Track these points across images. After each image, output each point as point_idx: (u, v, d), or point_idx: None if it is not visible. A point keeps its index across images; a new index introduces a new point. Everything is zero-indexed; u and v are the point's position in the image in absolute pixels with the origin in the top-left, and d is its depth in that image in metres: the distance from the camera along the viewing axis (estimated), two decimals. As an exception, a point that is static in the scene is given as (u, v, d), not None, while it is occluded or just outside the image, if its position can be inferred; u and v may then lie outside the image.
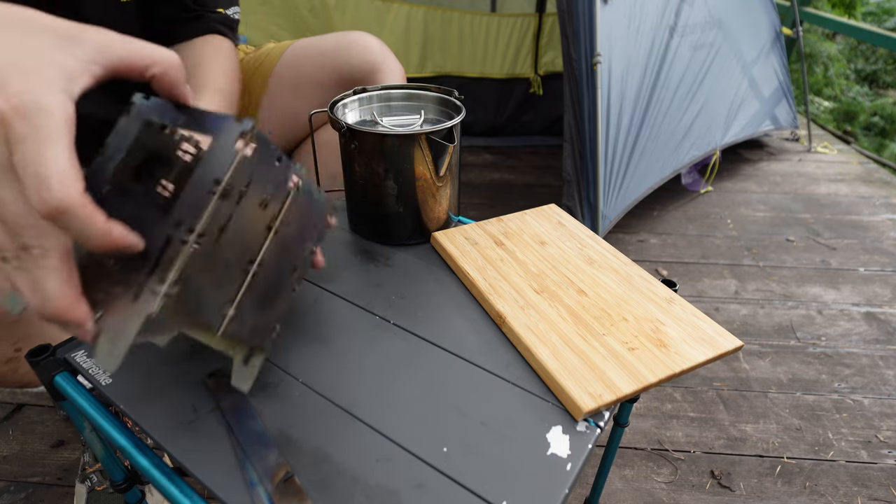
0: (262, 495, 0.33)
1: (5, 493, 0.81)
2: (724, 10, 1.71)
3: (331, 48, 0.76)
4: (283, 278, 0.39)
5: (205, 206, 0.29)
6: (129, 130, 0.30)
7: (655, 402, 1.01)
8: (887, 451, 0.92)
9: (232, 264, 0.33)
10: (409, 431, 0.38)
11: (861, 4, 3.92)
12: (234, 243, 0.33)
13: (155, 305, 0.28)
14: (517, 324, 0.46)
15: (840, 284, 1.37)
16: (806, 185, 1.90)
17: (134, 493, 0.56)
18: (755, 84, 1.92)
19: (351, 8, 1.81)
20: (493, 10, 1.93)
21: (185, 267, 0.29)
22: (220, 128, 0.30)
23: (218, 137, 0.30)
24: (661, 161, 1.55)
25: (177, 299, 0.29)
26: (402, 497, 0.34)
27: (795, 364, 1.11)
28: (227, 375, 0.42)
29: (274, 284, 0.38)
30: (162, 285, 0.28)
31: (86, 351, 0.44)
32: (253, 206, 0.33)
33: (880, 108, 3.01)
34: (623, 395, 0.40)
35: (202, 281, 0.31)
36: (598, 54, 1.27)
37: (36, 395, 0.97)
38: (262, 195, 0.34)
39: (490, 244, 0.57)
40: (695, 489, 0.85)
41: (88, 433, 0.48)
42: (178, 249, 0.28)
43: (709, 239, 1.56)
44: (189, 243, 0.28)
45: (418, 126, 0.59)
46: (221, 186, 0.29)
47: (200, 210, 0.29)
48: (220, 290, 0.33)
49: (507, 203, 1.72)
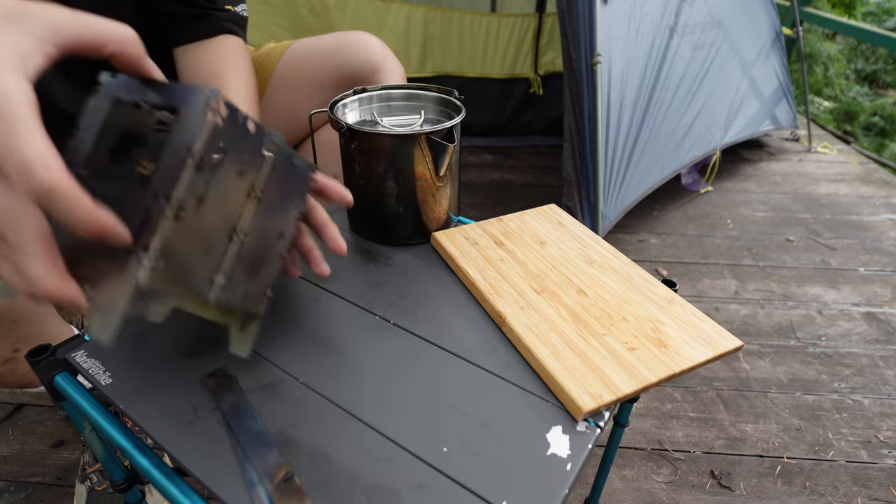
0: (262, 495, 0.33)
1: (5, 493, 0.81)
2: (724, 10, 1.71)
3: (332, 48, 0.76)
4: (269, 244, 0.39)
5: (179, 175, 0.29)
6: (100, 110, 0.30)
7: (655, 402, 1.01)
8: (887, 451, 0.92)
9: (215, 233, 0.34)
10: (410, 431, 0.38)
11: (861, 4, 3.92)
12: (215, 212, 0.33)
13: (142, 276, 0.28)
14: (517, 324, 0.46)
15: (840, 284, 1.37)
16: (806, 185, 1.90)
17: (134, 493, 0.56)
18: (755, 84, 1.92)
19: (351, 8, 1.81)
20: (493, 10, 1.93)
21: (168, 237, 0.29)
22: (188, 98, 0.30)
23: (187, 108, 0.30)
24: (661, 161, 1.56)
25: (164, 269, 0.29)
26: (402, 497, 0.34)
27: (795, 364, 1.11)
28: (228, 375, 0.42)
29: (261, 251, 0.38)
30: (146, 254, 0.28)
31: (86, 351, 0.44)
32: (230, 175, 0.33)
33: (880, 108, 3.01)
34: (623, 395, 0.40)
35: (188, 250, 0.31)
36: (598, 54, 1.27)
37: (36, 395, 0.97)
38: (238, 163, 0.34)
39: (490, 244, 0.57)
40: (695, 489, 0.85)
41: (88, 433, 0.48)
42: (157, 220, 0.28)
43: (709, 239, 1.56)
44: (168, 213, 0.29)
45: (418, 126, 0.59)
46: (194, 155, 0.29)
47: (175, 179, 0.29)
48: (207, 258, 0.34)
49: (507, 203, 1.72)
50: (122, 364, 0.43)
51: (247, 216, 0.36)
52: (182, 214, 0.30)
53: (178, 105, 0.30)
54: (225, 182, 0.33)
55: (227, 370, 0.42)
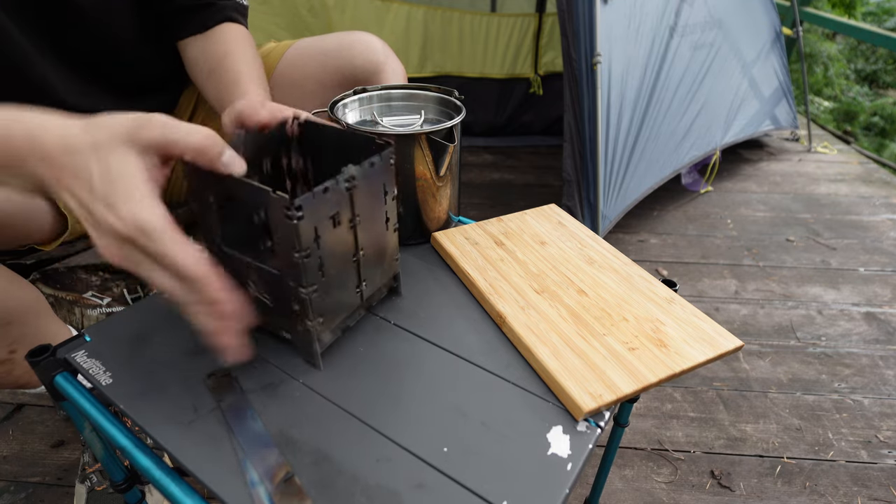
0: (263, 495, 0.33)
1: (5, 493, 0.81)
2: (724, 10, 1.71)
3: (334, 48, 0.76)
4: (381, 237, 0.46)
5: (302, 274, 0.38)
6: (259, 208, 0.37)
7: (655, 402, 1.01)
8: (887, 451, 0.92)
9: (346, 271, 0.42)
10: (410, 431, 0.38)
11: (861, 4, 3.92)
12: (338, 260, 0.41)
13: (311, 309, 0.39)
14: (517, 324, 0.46)
15: (840, 284, 1.37)
16: (806, 185, 1.90)
17: (134, 494, 0.56)
18: (755, 84, 1.92)
19: (350, 8, 1.81)
20: (493, 10, 1.93)
21: (319, 290, 0.40)
22: (270, 204, 0.36)
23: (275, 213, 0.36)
24: (661, 161, 1.56)
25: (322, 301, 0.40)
26: (402, 497, 0.34)
27: (795, 364, 1.11)
28: (228, 375, 0.42)
29: (378, 242, 0.45)
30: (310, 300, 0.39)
31: (86, 351, 0.44)
32: (333, 234, 0.39)
33: (880, 108, 3.02)
34: (623, 395, 0.40)
35: (333, 293, 0.41)
36: (598, 54, 1.27)
37: (36, 395, 0.97)
38: (332, 221, 0.39)
39: (490, 244, 0.57)
40: (695, 489, 0.85)
41: (88, 433, 0.48)
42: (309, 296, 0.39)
43: (709, 239, 1.56)
44: (309, 292, 0.39)
45: (418, 126, 0.59)
46: (303, 250, 0.37)
47: (300, 276, 0.38)
48: (347, 285, 0.43)
49: (507, 203, 1.72)
50: (122, 364, 0.43)
51: (358, 237, 0.42)
52: (323, 280, 0.39)
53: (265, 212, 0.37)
54: (330, 242, 0.39)
55: (228, 370, 0.42)
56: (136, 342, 0.45)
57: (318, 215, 0.37)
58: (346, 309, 0.44)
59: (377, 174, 0.42)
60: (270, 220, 0.37)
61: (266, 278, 0.40)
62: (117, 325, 0.47)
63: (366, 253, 0.44)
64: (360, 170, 0.40)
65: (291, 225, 0.36)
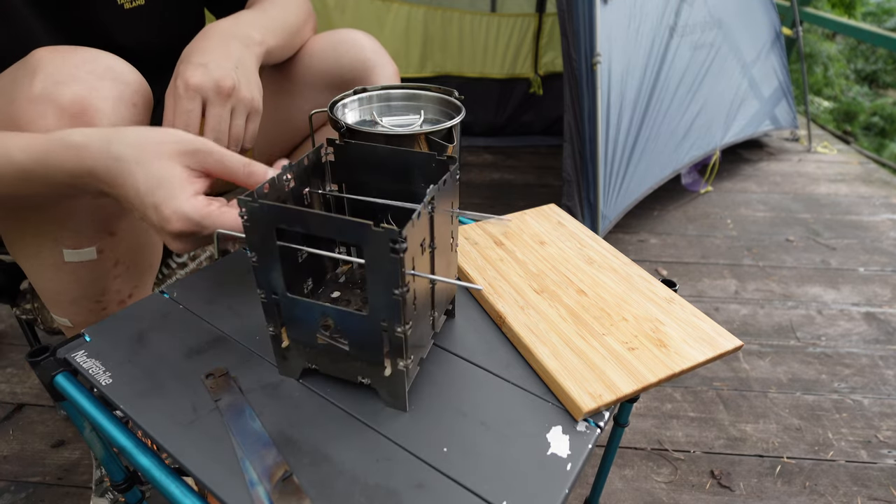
0: (262, 495, 0.33)
1: (5, 493, 0.81)
2: (723, 10, 1.71)
3: (319, 49, 0.74)
4: (451, 260, 0.45)
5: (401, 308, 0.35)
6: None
7: (655, 402, 1.01)
8: (887, 451, 0.92)
9: (426, 295, 0.40)
10: (409, 431, 0.38)
11: (861, 4, 3.92)
12: (423, 286, 0.39)
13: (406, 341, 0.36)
14: (517, 324, 0.46)
15: (840, 284, 1.37)
16: (806, 185, 1.90)
17: (134, 494, 0.56)
18: (755, 84, 1.92)
19: (351, 8, 1.81)
20: (493, 10, 1.93)
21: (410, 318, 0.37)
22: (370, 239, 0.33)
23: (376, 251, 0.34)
24: (661, 161, 1.56)
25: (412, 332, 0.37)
26: (402, 497, 0.34)
27: (795, 364, 1.11)
28: (227, 375, 0.42)
29: (448, 272, 0.45)
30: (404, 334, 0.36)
31: (86, 351, 0.44)
32: (427, 254, 0.39)
33: (880, 108, 3.01)
34: (623, 395, 0.40)
35: (421, 320, 0.40)
36: (598, 54, 1.27)
37: (36, 395, 0.97)
38: (429, 238, 0.39)
39: (490, 244, 0.57)
40: (695, 489, 0.85)
41: (88, 433, 0.48)
42: (404, 335, 0.36)
43: (709, 239, 1.56)
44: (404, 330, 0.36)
45: (418, 126, 0.59)
46: (400, 289, 0.34)
47: (398, 312, 0.35)
48: (427, 314, 0.41)
49: (507, 203, 1.72)
50: (122, 364, 0.43)
51: (434, 263, 0.40)
52: (413, 319, 0.37)
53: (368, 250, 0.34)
54: (419, 272, 0.37)
55: (227, 370, 0.42)
56: (136, 342, 0.45)
57: (412, 245, 0.34)
58: (427, 341, 0.42)
59: (447, 193, 0.40)
60: (367, 257, 0.33)
61: (346, 322, 0.37)
62: (117, 325, 0.47)
63: (436, 283, 0.41)
64: (437, 190, 0.37)
65: (396, 259, 0.32)
